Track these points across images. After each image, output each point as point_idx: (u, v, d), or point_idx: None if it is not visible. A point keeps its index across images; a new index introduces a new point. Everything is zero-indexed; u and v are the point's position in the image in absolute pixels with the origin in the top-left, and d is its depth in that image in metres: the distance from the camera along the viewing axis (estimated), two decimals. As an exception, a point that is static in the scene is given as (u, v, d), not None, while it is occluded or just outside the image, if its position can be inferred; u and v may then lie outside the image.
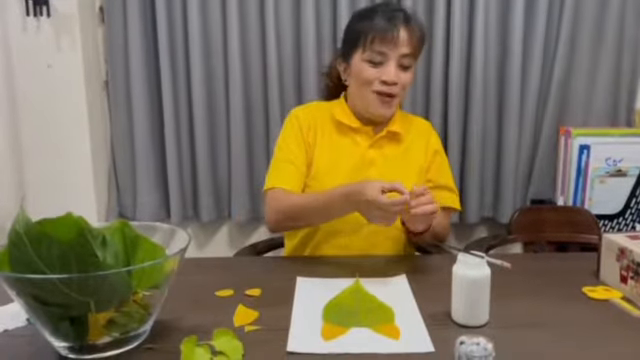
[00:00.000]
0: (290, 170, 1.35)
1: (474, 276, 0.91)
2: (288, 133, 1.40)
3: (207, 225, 2.26)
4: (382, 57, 1.29)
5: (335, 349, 0.84)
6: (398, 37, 1.27)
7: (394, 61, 1.29)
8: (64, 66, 1.99)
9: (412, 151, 1.41)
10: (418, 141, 1.42)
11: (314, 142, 1.38)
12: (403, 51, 1.28)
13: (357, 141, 1.38)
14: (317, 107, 1.45)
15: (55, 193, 2.02)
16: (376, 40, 1.28)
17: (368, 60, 1.30)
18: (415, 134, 1.43)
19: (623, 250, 1.04)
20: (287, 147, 1.37)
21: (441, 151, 1.46)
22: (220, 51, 2.08)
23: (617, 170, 2.02)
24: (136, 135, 2.11)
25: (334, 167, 1.36)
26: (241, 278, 1.13)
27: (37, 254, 0.72)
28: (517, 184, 2.16)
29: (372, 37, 1.28)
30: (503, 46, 2.08)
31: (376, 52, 1.29)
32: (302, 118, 1.40)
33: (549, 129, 2.12)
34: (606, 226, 2.04)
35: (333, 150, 1.38)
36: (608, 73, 2.10)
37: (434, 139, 1.45)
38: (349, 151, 1.37)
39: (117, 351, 0.83)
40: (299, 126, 1.39)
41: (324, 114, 1.41)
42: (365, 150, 1.37)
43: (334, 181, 1.30)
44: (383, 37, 1.27)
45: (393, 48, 1.28)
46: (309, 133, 1.38)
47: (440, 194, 1.38)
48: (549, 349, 0.84)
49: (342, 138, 1.39)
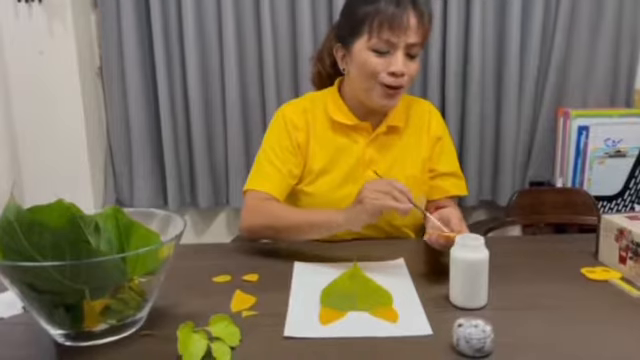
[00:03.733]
0: (273, 174, 1.26)
1: (472, 259, 0.90)
2: (274, 135, 1.30)
3: (205, 211, 2.25)
4: (389, 46, 1.16)
5: (333, 333, 0.83)
6: (408, 24, 1.14)
7: (402, 50, 1.16)
8: (57, 53, 1.97)
9: (412, 144, 1.32)
10: (419, 130, 1.33)
11: (306, 143, 1.28)
12: (412, 39, 1.16)
13: (354, 139, 1.28)
14: (309, 102, 1.33)
15: (51, 181, 2.01)
16: (384, 27, 1.14)
17: (373, 49, 1.17)
18: (415, 122, 1.33)
19: (622, 231, 1.04)
20: (272, 150, 1.28)
21: (444, 135, 1.36)
22: (215, 35, 2.06)
23: (616, 151, 2.01)
24: (132, 121, 2.10)
25: (330, 168, 1.28)
26: (238, 264, 1.13)
27: (29, 241, 0.71)
28: (516, 166, 2.15)
29: (379, 24, 1.14)
30: (501, 27, 2.06)
31: (383, 41, 1.15)
32: (291, 118, 1.29)
33: (548, 110, 2.10)
34: (605, 207, 2.03)
35: (328, 150, 1.28)
36: (607, 53, 2.08)
37: (435, 123, 1.35)
38: (346, 151, 1.28)
39: (114, 338, 0.82)
40: (286, 128, 1.28)
41: (317, 110, 1.30)
42: (363, 149, 1.28)
43: (330, 183, 1.26)
44: (392, 23, 1.14)
45: (402, 36, 1.14)
46: (299, 134, 1.28)
47: (444, 182, 1.33)
48: (548, 331, 0.83)
49: (338, 137, 1.29)
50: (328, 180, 1.27)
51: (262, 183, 1.26)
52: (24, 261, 0.73)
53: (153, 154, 2.16)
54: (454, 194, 1.34)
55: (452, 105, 2.07)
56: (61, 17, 1.94)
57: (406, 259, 1.13)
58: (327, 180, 1.27)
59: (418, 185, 1.30)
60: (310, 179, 1.29)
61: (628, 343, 0.80)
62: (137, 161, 2.14)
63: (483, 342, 0.75)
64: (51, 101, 2.00)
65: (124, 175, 2.18)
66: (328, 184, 1.27)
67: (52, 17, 1.94)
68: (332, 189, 1.27)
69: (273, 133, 1.31)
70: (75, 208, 0.75)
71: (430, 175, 1.34)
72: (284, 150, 1.28)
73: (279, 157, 1.27)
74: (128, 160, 2.16)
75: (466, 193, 1.37)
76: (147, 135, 2.13)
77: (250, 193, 1.26)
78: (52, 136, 2.02)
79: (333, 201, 1.25)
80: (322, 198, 1.27)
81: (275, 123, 1.32)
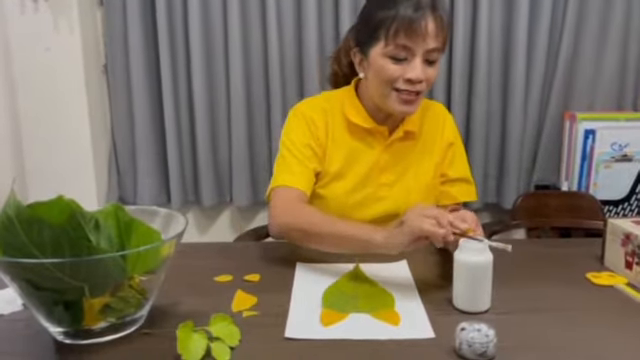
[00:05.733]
0: (300, 170, 1.21)
1: (476, 262, 0.89)
2: (296, 132, 1.24)
3: (208, 210, 2.25)
4: (407, 52, 1.12)
5: (334, 335, 0.83)
6: (427, 29, 1.10)
7: (420, 57, 1.12)
8: (63, 49, 1.97)
9: (427, 149, 1.29)
10: (433, 135, 1.30)
11: (325, 143, 1.24)
12: (431, 45, 1.11)
13: (371, 144, 1.25)
14: (325, 101, 1.28)
15: (55, 177, 2.01)
16: (401, 33, 1.10)
17: (391, 56, 1.13)
18: (430, 125, 1.30)
19: (628, 235, 1.02)
20: (294, 146, 1.22)
21: (456, 140, 1.33)
22: (220, 32, 2.06)
23: (623, 155, 1.99)
24: (136, 119, 2.10)
25: (344, 172, 1.24)
26: (240, 263, 1.12)
27: (29, 238, 0.71)
28: (521, 169, 2.14)
29: (396, 29, 1.10)
30: (508, 29, 2.04)
31: (401, 47, 1.11)
32: (311, 116, 1.24)
33: (554, 114, 2.09)
34: (611, 211, 2.02)
35: (344, 153, 1.25)
36: (614, 56, 2.06)
37: (448, 128, 1.32)
38: (362, 155, 1.25)
39: (113, 336, 0.82)
40: (308, 126, 1.23)
41: (334, 109, 1.27)
42: (379, 154, 1.25)
43: (343, 187, 1.24)
44: (409, 29, 1.09)
45: (420, 42, 1.10)
46: (318, 133, 1.24)
47: (453, 189, 1.31)
48: (552, 336, 0.82)
49: (354, 140, 1.25)
50: (342, 184, 1.25)
51: (290, 179, 1.20)
52: (24, 257, 0.72)
53: (157, 152, 2.16)
54: (464, 200, 1.32)
55: (458, 107, 2.05)
56: (67, 14, 1.94)
57: (409, 261, 1.12)
58: (341, 184, 1.25)
59: (430, 191, 1.29)
60: (325, 182, 1.26)
61: (633, 349, 0.79)
62: (141, 158, 2.14)
63: (486, 346, 0.74)
64: (56, 97, 2.00)
65: (128, 172, 2.18)
66: (342, 188, 1.25)
67: (58, 14, 1.94)
68: (345, 194, 1.25)
69: (295, 131, 1.25)
70: (75, 205, 0.75)
71: (441, 180, 1.32)
72: (307, 148, 1.23)
73: (304, 154, 1.22)
74: (132, 157, 2.16)
75: (475, 199, 1.35)
76: (151, 132, 2.13)
77: (279, 190, 1.19)
78: (56, 132, 2.02)
79: (345, 206, 1.23)
80: (334, 202, 1.25)
81: (295, 120, 1.26)
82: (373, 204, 1.25)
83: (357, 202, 1.24)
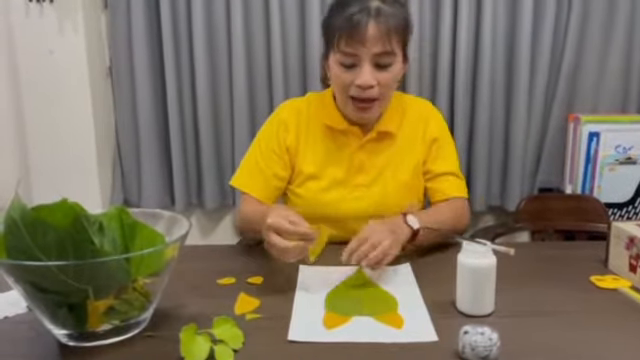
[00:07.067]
0: (258, 176, 1.28)
1: (479, 265, 0.89)
2: (264, 132, 1.32)
3: (211, 212, 2.25)
4: (354, 59, 1.13)
5: (337, 338, 0.83)
6: (366, 35, 1.10)
7: (369, 62, 1.12)
8: (67, 52, 1.98)
9: (406, 149, 1.29)
10: (413, 134, 1.29)
11: (296, 145, 1.28)
12: (377, 49, 1.11)
13: (345, 144, 1.27)
14: (306, 103, 1.32)
15: (59, 179, 2.02)
16: (342, 40, 1.11)
17: (341, 63, 1.15)
18: (410, 126, 1.30)
19: (632, 239, 1.02)
20: (259, 148, 1.29)
21: (442, 136, 1.32)
22: (224, 35, 2.06)
23: (627, 158, 1.98)
24: (140, 121, 2.10)
25: (319, 172, 1.27)
26: (243, 266, 1.12)
27: (33, 240, 0.71)
28: (525, 172, 2.13)
29: (339, 36, 1.12)
30: (512, 31, 2.04)
31: (345, 54, 1.13)
32: (284, 118, 1.29)
33: (558, 116, 2.08)
34: (615, 215, 2.01)
35: (319, 154, 1.28)
36: (618, 58, 2.05)
37: (433, 125, 1.31)
38: (336, 156, 1.27)
39: (117, 339, 0.82)
40: (277, 127, 1.29)
41: (312, 111, 1.30)
42: (353, 154, 1.26)
43: (318, 186, 1.27)
44: (349, 36, 1.10)
45: (362, 48, 1.11)
46: (288, 136, 1.28)
47: (444, 184, 1.30)
48: (555, 339, 0.82)
49: (329, 140, 1.28)
50: (317, 184, 1.27)
51: (251, 186, 1.28)
52: (28, 260, 0.73)
53: (161, 154, 2.16)
54: (453, 195, 1.29)
55: (461, 110, 2.05)
56: (72, 17, 1.95)
57: (412, 264, 1.12)
58: (316, 184, 1.28)
59: (410, 190, 1.29)
60: (300, 181, 1.29)
61: (637, 352, 0.79)
62: (145, 161, 2.14)
63: (489, 350, 0.74)
64: (60, 100, 2.01)
65: (132, 175, 2.18)
66: (317, 187, 1.27)
67: (63, 17, 1.95)
68: (321, 192, 1.27)
69: (264, 133, 1.32)
70: (79, 207, 0.75)
71: (427, 177, 1.31)
72: (272, 153, 1.28)
73: (266, 158, 1.28)
74: (136, 160, 2.16)
75: (465, 195, 1.31)
76: (155, 135, 2.13)
77: (245, 197, 1.28)
78: (61, 135, 2.03)
79: (321, 204, 1.26)
80: (310, 201, 1.28)
81: (268, 124, 1.32)
82: (349, 203, 1.27)
83: (333, 200, 1.26)
